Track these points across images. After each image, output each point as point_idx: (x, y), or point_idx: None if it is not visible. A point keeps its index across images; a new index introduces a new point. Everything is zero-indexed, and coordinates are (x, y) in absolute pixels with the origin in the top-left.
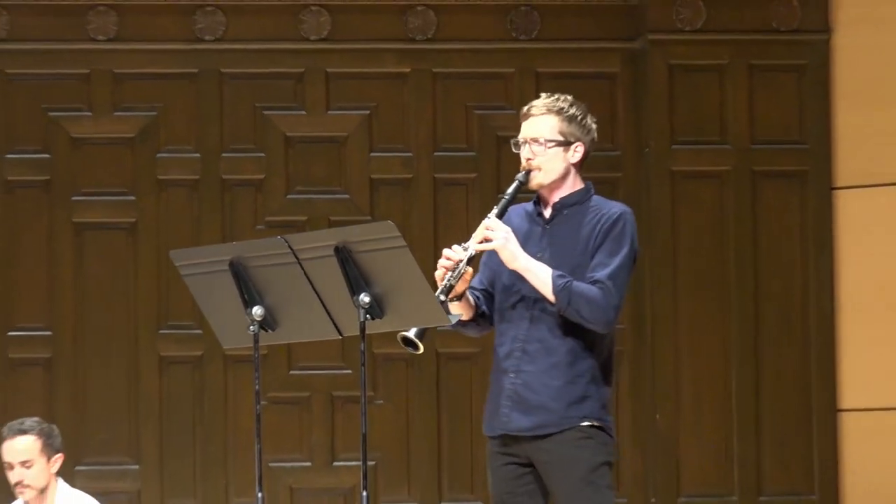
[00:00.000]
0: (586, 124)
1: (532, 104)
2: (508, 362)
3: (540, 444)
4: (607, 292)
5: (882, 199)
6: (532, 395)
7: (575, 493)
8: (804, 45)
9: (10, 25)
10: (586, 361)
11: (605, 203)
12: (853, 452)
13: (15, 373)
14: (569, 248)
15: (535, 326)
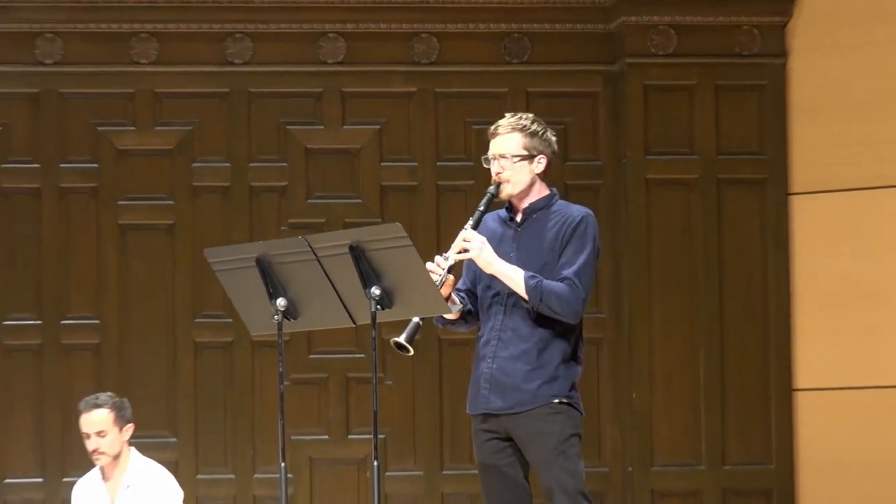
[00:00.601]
0: (546, 138)
1: (498, 124)
2: (486, 349)
3: (516, 420)
4: (575, 288)
5: (833, 204)
6: (506, 378)
7: (549, 462)
8: (763, 67)
9: (63, 50)
10: (556, 346)
11: (568, 207)
12: (806, 427)
13: (68, 357)
14: (538, 248)
15: (510, 318)
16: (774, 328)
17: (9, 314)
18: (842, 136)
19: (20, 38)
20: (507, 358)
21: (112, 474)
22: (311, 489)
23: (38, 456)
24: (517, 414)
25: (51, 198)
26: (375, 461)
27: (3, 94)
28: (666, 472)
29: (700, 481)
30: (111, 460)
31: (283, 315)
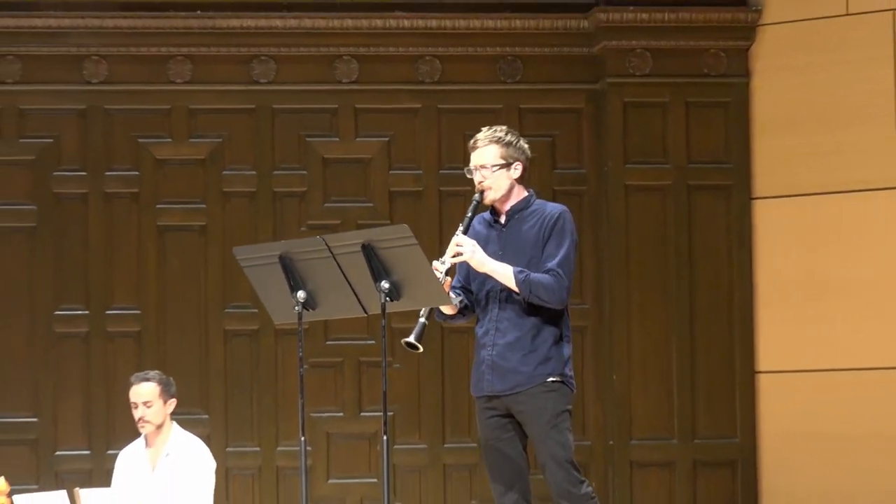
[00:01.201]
0: (520, 146)
1: (476, 138)
2: (486, 338)
3: (515, 398)
4: (559, 278)
5: (791, 207)
6: (505, 363)
7: (543, 436)
8: (729, 86)
9: (108, 71)
10: (546, 331)
11: (545, 205)
12: (767, 405)
13: (112, 343)
14: (523, 245)
15: (504, 310)
16: (739, 318)
17: (60, 305)
18: (799, 147)
19: (70, 61)
20: (504, 345)
21: (154, 443)
22: (327, 460)
23: (85, 431)
24: (517, 394)
25: (97, 202)
26: (385, 436)
27: (54, 110)
28: (643, 445)
29: (673, 453)
30: (154, 429)
31: (302, 306)
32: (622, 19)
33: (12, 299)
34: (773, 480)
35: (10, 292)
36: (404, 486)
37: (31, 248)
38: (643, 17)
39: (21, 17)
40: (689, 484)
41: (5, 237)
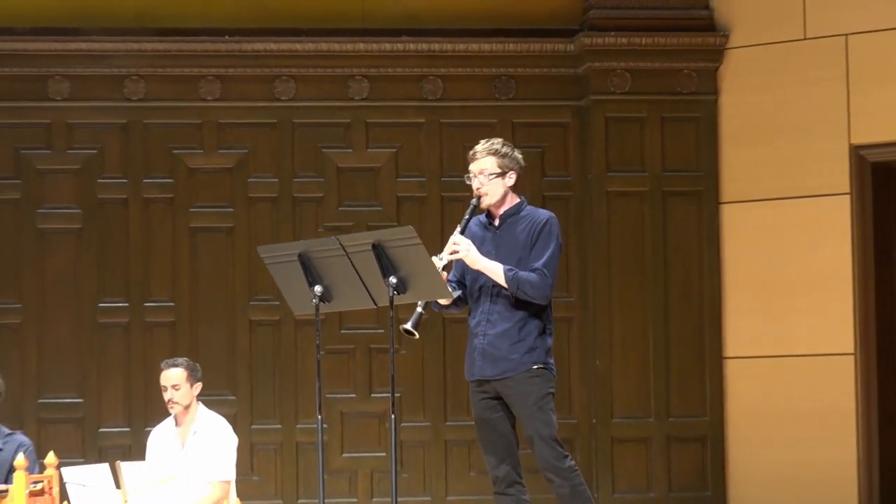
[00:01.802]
0: (514, 157)
1: (475, 149)
2: (478, 329)
3: (504, 383)
4: (543, 276)
5: (755, 211)
6: (495, 351)
7: (529, 416)
8: (699, 103)
9: (146, 90)
10: (532, 324)
11: (535, 211)
12: (733, 387)
13: (150, 332)
14: (514, 246)
15: (494, 303)
16: (708, 309)
17: (103, 298)
18: (761, 157)
19: (112, 81)
20: (494, 335)
21: (183, 422)
22: (341, 436)
23: (125, 410)
24: (505, 378)
25: (136, 206)
26: (393, 414)
27: (98, 124)
28: (622, 423)
29: (649, 430)
30: (182, 410)
31: (319, 299)
32: (604, 43)
33: (60, 293)
34: (739, 453)
35: (59, 287)
36: (410, 460)
37: (77, 248)
38: (623, 42)
39: (69, 41)
40: (663, 457)
41: (54, 238)
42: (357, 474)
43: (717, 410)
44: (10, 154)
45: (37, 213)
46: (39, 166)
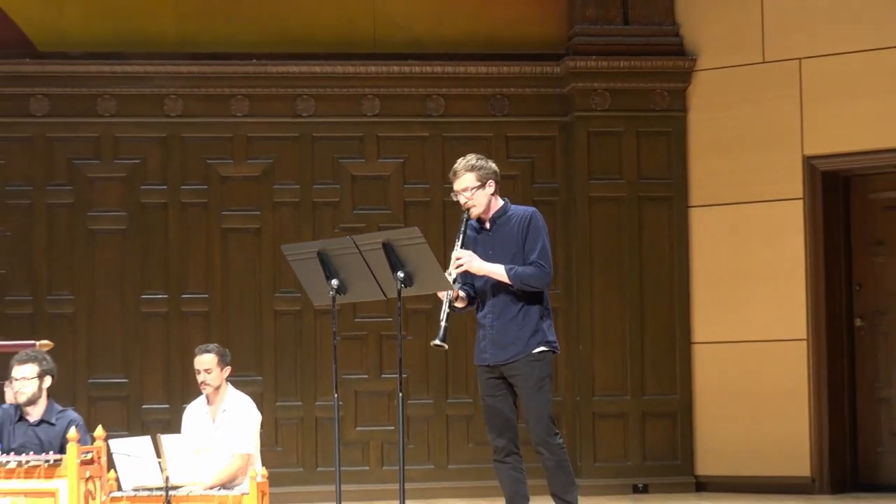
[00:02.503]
0: (489, 167)
1: (455, 169)
2: (485, 320)
3: (510, 366)
4: (540, 267)
5: (719, 213)
6: (504, 338)
7: (529, 395)
8: (671, 119)
9: (183, 107)
10: (532, 310)
11: (519, 209)
12: (700, 368)
13: (186, 321)
14: (507, 244)
15: (499, 298)
16: (678, 300)
17: (145, 291)
18: (725, 166)
19: (153, 99)
20: (501, 325)
21: (214, 401)
22: (355, 412)
23: (165, 389)
24: (513, 362)
25: (174, 210)
26: (400, 393)
27: (141, 137)
28: (602, 401)
29: (626, 407)
30: (213, 390)
31: (335, 291)
32: (587, 66)
33: (108, 286)
34: (705, 427)
35: (106, 281)
36: (415, 433)
37: (123, 246)
38: (603, 65)
39: (115, 64)
40: (638, 431)
41: (102, 237)
42: (369, 445)
43: (685, 389)
44: (64, 164)
45: (87, 215)
46: (90, 174)
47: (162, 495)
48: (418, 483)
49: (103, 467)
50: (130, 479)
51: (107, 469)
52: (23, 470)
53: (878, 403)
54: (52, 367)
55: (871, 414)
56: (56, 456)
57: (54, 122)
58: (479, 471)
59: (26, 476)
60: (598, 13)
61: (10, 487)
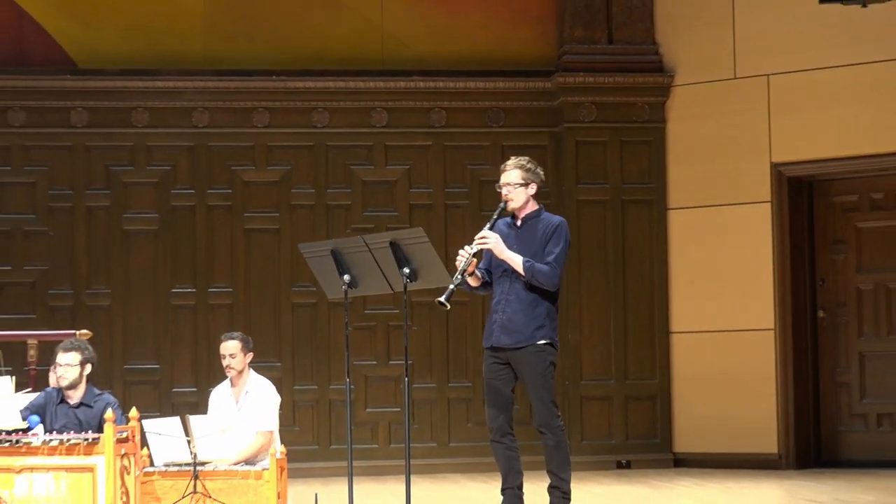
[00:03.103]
0: (537, 172)
1: (506, 163)
2: (498, 306)
3: (515, 353)
4: (553, 268)
5: (695, 215)
6: (511, 325)
7: (534, 381)
8: (651, 130)
9: (209, 119)
10: (542, 305)
11: (550, 216)
12: (678, 355)
13: (212, 312)
14: (532, 243)
15: (512, 286)
16: (658, 293)
17: (175, 285)
18: (700, 172)
19: (182, 111)
20: (511, 312)
21: (238, 384)
22: (365, 395)
23: (193, 374)
24: (518, 349)
25: (201, 212)
26: (406, 378)
27: (172, 146)
28: (589, 385)
29: (610, 390)
30: (237, 374)
31: (347, 286)
32: (575, 82)
33: (141, 281)
34: (682, 408)
35: (140, 277)
36: (420, 414)
37: (155, 245)
38: (590, 81)
39: (148, 80)
40: (622, 411)
41: (136, 237)
42: (377, 425)
43: (664, 374)
44: (102, 170)
45: (123, 217)
46: (125, 180)
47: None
48: (422, 460)
49: (137, 445)
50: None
51: (140, 447)
52: (64, 447)
53: (839, 387)
54: (93, 356)
55: (833, 397)
56: (94, 435)
57: (93, 132)
58: (478, 448)
59: (67, 453)
60: (585, 34)
61: (52, 463)
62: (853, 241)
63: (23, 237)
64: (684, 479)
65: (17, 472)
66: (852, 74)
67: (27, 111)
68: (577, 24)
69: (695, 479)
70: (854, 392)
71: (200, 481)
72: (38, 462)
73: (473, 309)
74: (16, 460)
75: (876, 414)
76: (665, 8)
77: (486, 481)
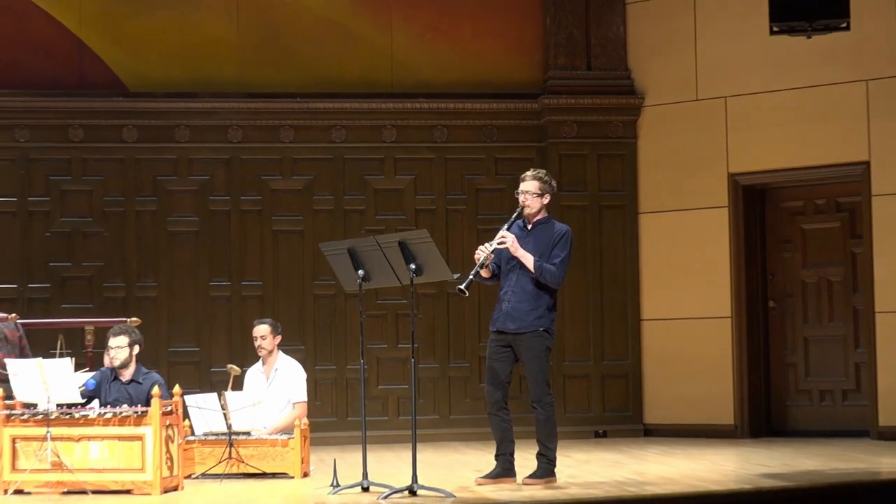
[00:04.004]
0: (551, 184)
1: (526, 174)
2: (505, 296)
3: (518, 338)
4: (559, 269)
5: (662, 218)
6: (516, 312)
7: (531, 362)
8: (624, 144)
9: (242, 135)
10: (543, 298)
11: (557, 224)
12: (647, 339)
13: (245, 302)
14: (540, 245)
15: (519, 280)
16: (630, 286)
17: (213, 278)
18: (667, 181)
19: (218, 129)
20: (517, 301)
21: (268, 363)
22: (377, 374)
23: (229, 355)
24: (520, 334)
25: (236, 216)
26: (412, 359)
27: (210, 159)
28: (571, 364)
29: (589, 370)
30: (267, 354)
31: (362, 279)
32: (558, 103)
33: (183, 276)
34: (651, 386)
35: (182, 271)
36: (424, 390)
37: (195, 245)
38: (571, 102)
39: (189, 101)
40: (599, 388)
41: (179, 237)
42: (388, 400)
43: (636, 356)
44: (150, 179)
45: (167, 220)
46: (169, 188)
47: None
48: (427, 430)
49: (180, 417)
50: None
51: (182, 418)
52: (117, 419)
53: (787, 367)
54: (139, 338)
55: (782, 375)
56: (143, 408)
57: (141, 146)
58: (476, 420)
59: (119, 424)
60: (567, 62)
61: (106, 432)
62: (799, 241)
63: (81, 238)
64: (653, 446)
65: (76, 441)
66: (799, 96)
67: (85, 129)
68: (560, 53)
69: (662, 446)
70: (800, 371)
71: (235, 448)
72: (94, 432)
73: (471, 300)
74: (75, 430)
75: (818, 390)
76: (636, 39)
77: (481, 449)
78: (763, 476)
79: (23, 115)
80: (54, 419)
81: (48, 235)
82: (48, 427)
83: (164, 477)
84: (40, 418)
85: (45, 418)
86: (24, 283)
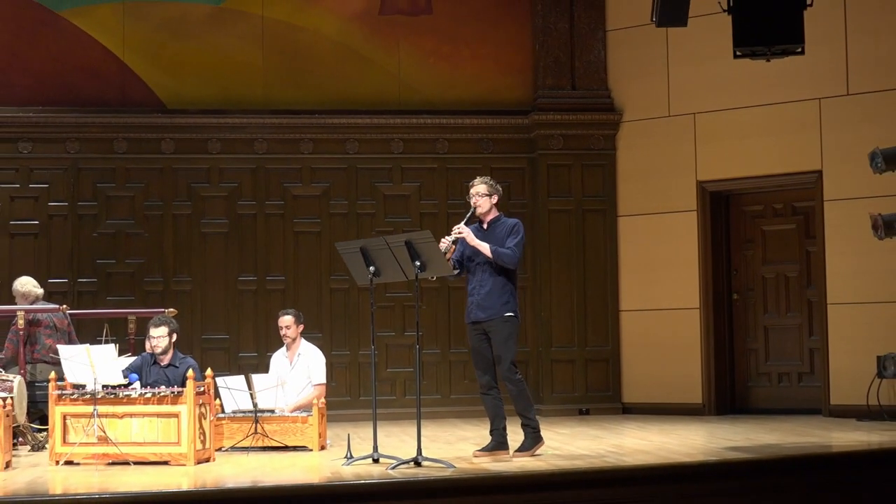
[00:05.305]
0: (497, 187)
1: (474, 180)
2: (473, 291)
3: (489, 324)
4: (513, 251)
5: (638, 221)
6: (485, 303)
7: (499, 345)
8: (605, 156)
9: (267, 147)
10: (506, 287)
11: (508, 219)
12: (625, 328)
13: (269, 295)
14: (496, 240)
15: (483, 275)
16: (610, 281)
17: (241, 274)
18: (642, 188)
19: (245, 142)
20: (483, 294)
21: (292, 348)
22: (386, 359)
23: (255, 342)
24: (490, 320)
25: (261, 218)
26: (417, 345)
27: (238, 168)
28: (557, 351)
29: (574, 355)
30: (291, 341)
31: (372, 275)
32: (547, 119)
33: (215, 271)
34: (629, 369)
35: (214, 267)
36: (428, 373)
37: (225, 244)
38: (558, 118)
39: (220, 118)
40: (582, 371)
41: (211, 238)
42: (395, 381)
43: (615, 342)
44: (185, 187)
45: (201, 222)
46: (203, 194)
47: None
48: (430, 408)
49: (211, 397)
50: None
51: (214, 398)
52: (156, 399)
53: (749, 352)
54: (176, 327)
55: (744, 359)
56: (179, 389)
57: (178, 157)
58: (472, 399)
59: (158, 403)
60: (555, 82)
61: (147, 410)
62: (759, 241)
63: (125, 238)
64: (630, 422)
65: (119, 418)
66: (759, 112)
67: (128, 141)
68: (548, 74)
69: (638, 422)
70: (760, 356)
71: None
72: (136, 409)
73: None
74: (119, 408)
75: (777, 373)
76: (615, 63)
77: (478, 424)
78: (728, 449)
79: (73, 130)
80: (100, 398)
81: (95, 236)
82: (95, 405)
83: (198, 450)
84: (88, 397)
85: (92, 397)
86: (74, 277)
